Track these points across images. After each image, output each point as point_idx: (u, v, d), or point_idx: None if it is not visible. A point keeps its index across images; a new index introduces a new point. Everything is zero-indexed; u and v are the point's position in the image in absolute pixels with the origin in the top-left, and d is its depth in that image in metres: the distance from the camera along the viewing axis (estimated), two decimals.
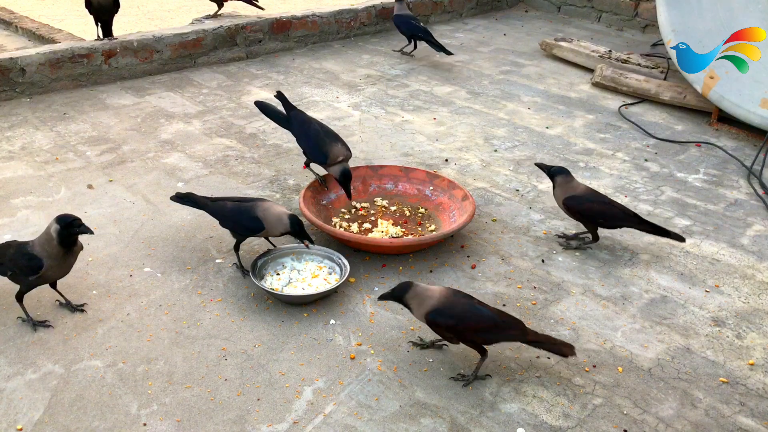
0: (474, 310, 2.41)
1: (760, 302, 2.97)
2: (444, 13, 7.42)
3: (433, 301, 2.42)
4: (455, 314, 2.38)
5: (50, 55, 4.87)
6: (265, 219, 2.89)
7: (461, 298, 2.44)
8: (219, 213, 2.99)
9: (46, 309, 2.75)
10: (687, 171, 4.17)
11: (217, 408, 2.31)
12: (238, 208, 2.95)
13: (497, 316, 2.42)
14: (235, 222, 2.94)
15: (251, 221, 2.90)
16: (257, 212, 2.90)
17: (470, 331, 2.40)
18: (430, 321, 2.42)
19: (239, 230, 2.96)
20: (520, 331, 2.41)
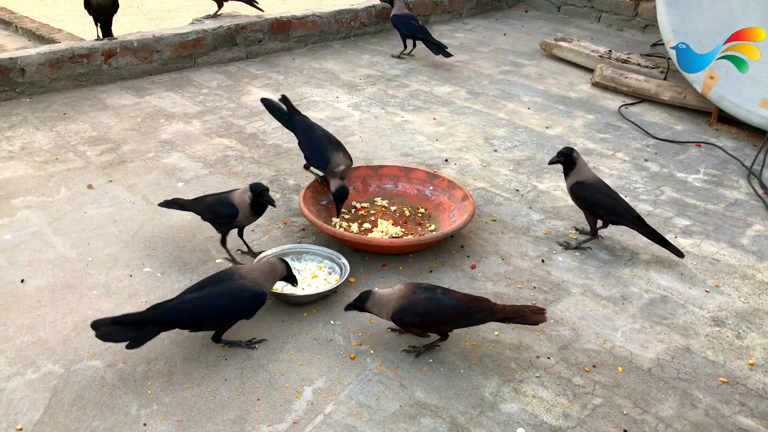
0: (436, 302, 2.46)
1: (760, 302, 2.97)
2: (444, 13, 7.42)
3: (394, 303, 2.48)
4: (418, 311, 2.45)
5: (50, 55, 4.87)
6: (239, 204, 2.92)
7: (421, 294, 2.48)
8: (198, 208, 3.03)
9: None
10: (687, 171, 4.17)
11: (217, 408, 2.31)
12: (215, 198, 3.00)
13: (461, 303, 2.46)
14: (213, 212, 2.97)
15: (227, 207, 2.92)
16: (232, 199, 2.94)
17: (437, 323, 2.48)
18: (396, 321, 2.50)
19: (218, 219, 2.98)
20: (487, 312, 2.46)
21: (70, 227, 3.31)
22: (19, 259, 3.05)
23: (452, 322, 2.48)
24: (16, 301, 2.78)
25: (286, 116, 3.59)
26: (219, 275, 2.52)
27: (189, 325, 2.44)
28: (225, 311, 2.45)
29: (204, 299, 2.42)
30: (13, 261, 3.03)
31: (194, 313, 2.41)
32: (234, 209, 2.93)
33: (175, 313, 2.38)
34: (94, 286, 2.89)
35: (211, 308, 2.41)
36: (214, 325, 2.49)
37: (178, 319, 2.39)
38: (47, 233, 3.25)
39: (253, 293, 2.48)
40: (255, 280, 2.51)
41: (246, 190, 2.94)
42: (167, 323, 2.39)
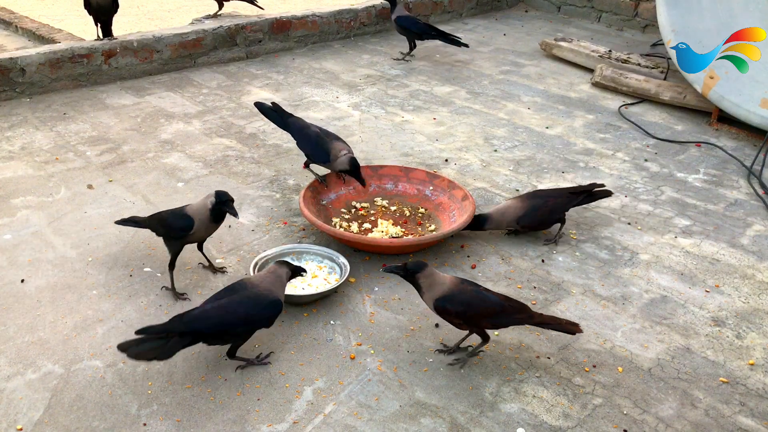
0: (481, 296, 2.45)
1: (760, 302, 2.97)
2: (444, 13, 7.42)
3: (443, 287, 2.45)
4: (463, 301, 2.42)
5: (50, 55, 4.87)
6: (195, 214, 2.80)
7: (468, 285, 2.48)
8: (153, 223, 2.91)
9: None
10: (687, 171, 4.17)
11: (217, 408, 2.31)
12: (169, 212, 2.88)
13: (504, 301, 2.47)
14: (165, 226, 2.84)
15: (180, 219, 2.80)
16: (186, 211, 2.83)
17: (478, 316, 2.45)
18: (438, 307, 2.45)
19: (171, 233, 2.82)
20: (526, 315, 2.46)
21: (70, 227, 3.31)
22: (19, 259, 3.05)
23: (493, 317, 2.46)
24: (16, 301, 2.78)
25: (280, 118, 3.63)
26: (232, 286, 2.46)
27: (212, 336, 2.35)
28: (247, 319, 2.38)
29: (225, 308, 2.36)
30: (13, 261, 3.03)
31: (218, 322, 2.34)
32: (188, 220, 2.78)
33: (199, 322, 2.32)
34: (94, 286, 2.89)
35: (234, 316, 2.35)
36: (236, 335, 2.40)
37: (202, 329, 2.32)
38: (47, 233, 3.25)
39: (270, 300, 2.42)
40: (269, 288, 2.46)
41: (209, 196, 2.80)
42: (192, 333, 2.30)
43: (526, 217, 3.26)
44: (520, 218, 3.26)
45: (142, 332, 2.27)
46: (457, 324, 2.48)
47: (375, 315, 2.80)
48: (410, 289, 2.96)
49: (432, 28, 5.82)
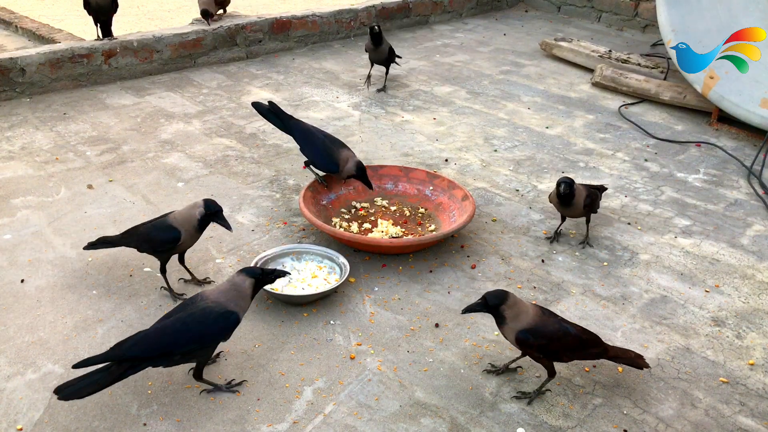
0: (562, 329, 2.32)
1: (760, 302, 2.97)
2: (444, 13, 7.42)
3: (528, 318, 2.30)
4: (547, 334, 2.28)
5: (50, 55, 4.87)
6: (182, 224, 2.72)
7: (550, 317, 2.34)
8: (131, 240, 2.78)
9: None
10: (687, 171, 4.17)
11: (217, 408, 2.31)
12: (150, 225, 2.77)
13: (581, 333, 2.35)
14: (150, 241, 2.74)
15: (166, 231, 2.71)
16: (171, 222, 2.73)
17: (560, 350, 2.32)
18: (521, 339, 2.30)
19: (158, 247, 2.74)
20: (601, 348, 2.36)
21: (70, 227, 3.31)
22: (19, 259, 3.05)
23: (572, 351, 2.33)
24: (16, 301, 2.78)
25: (279, 120, 3.62)
26: (184, 302, 2.31)
27: (159, 359, 2.19)
28: (194, 337, 2.21)
29: (169, 327, 2.20)
30: (13, 261, 3.03)
31: (160, 345, 2.17)
32: (175, 232, 2.69)
33: (138, 347, 2.15)
34: (94, 286, 2.89)
35: (178, 335, 2.19)
36: (187, 355, 2.23)
37: (141, 354, 2.14)
38: (47, 233, 3.25)
39: (218, 314, 2.24)
40: (218, 300, 2.27)
41: (197, 206, 2.73)
42: (132, 359, 2.14)
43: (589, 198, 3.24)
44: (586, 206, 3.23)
45: (81, 365, 2.13)
46: (536, 357, 2.34)
47: (375, 315, 2.80)
48: (410, 289, 2.96)
49: None
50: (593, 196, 3.29)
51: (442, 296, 2.93)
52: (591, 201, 3.25)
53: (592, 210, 3.31)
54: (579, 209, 3.24)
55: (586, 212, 3.28)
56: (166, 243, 2.72)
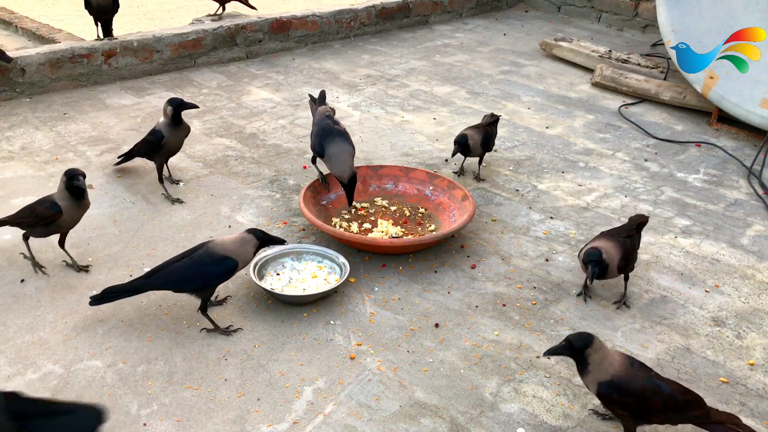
0: (654, 386, 2.04)
1: (760, 302, 2.97)
2: (444, 13, 7.42)
3: (612, 368, 2.05)
4: (634, 391, 2.02)
5: (50, 55, 4.87)
6: (239, 252, 2.61)
7: (639, 370, 2.08)
8: (171, 280, 2.59)
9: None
10: (687, 171, 4.17)
11: (217, 408, 2.31)
12: (192, 261, 2.58)
13: (677, 393, 2.05)
14: (200, 276, 2.57)
15: (220, 262, 2.57)
16: (219, 251, 2.59)
17: (650, 412, 2.05)
18: (603, 394, 2.06)
19: (210, 281, 2.59)
20: (702, 412, 2.04)
21: None
22: (19, 259, 3.05)
23: (663, 413, 2.05)
24: (16, 301, 2.78)
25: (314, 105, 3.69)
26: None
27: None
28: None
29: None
30: (13, 261, 3.03)
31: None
32: (232, 262, 2.60)
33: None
34: (94, 286, 2.89)
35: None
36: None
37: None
38: None
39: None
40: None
41: (247, 239, 2.66)
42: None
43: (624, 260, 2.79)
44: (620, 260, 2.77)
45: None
46: (620, 415, 2.09)
47: (375, 315, 2.80)
48: (410, 289, 2.96)
49: None
50: (629, 254, 2.80)
51: (442, 296, 2.93)
52: (626, 262, 2.80)
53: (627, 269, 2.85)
54: (612, 273, 2.79)
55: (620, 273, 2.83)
56: (224, 276, 2.60)
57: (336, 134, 3.38)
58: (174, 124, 3.53)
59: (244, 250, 2.64)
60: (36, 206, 2.89)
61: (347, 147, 3.36)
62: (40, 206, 2.87)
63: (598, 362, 2.06)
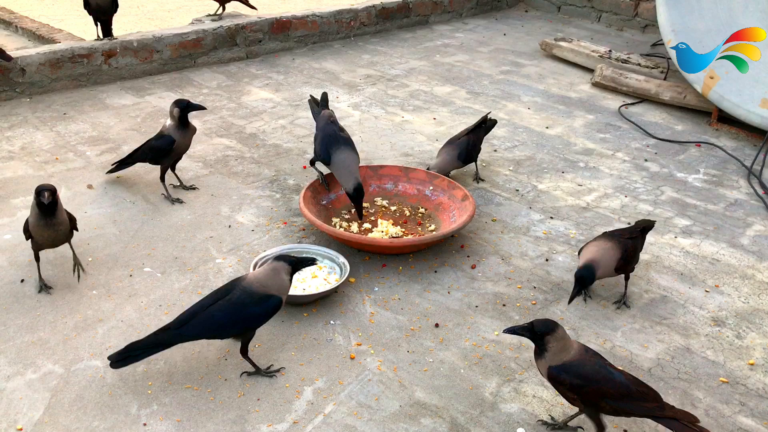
0: (605, 372, 2.10)
1: (760, 302, 2.97)
2: (444, 13, 7.42)
3: (567, 356, 2.11)
4: (583, 374, 2.08)
5: (50, 55, 4.87)
6: (278, 285, 2.41)
7: (592, 356, 2.13)
8: (209, 327, 2.35)
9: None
10: (687, 171, 4.17)
11: (217, 408, 2.31)
12: (230, 304, 2.36)
13: (632, 384, 2.10)
14: (243, 320, 2.37)
15: (263, 301, 2.37)
16: (259, 290, 2.38)
17: (596, 395, 2.08)
18: (552, 375, 2.12)
19: (255, 323, 2.39)
20: (656, 404, 2.08)
21: None
22: (19, 259, 3.05)
23: (615, 400, 2.08)
24: (16, 301, 2.78)
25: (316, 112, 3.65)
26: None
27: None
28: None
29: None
30: (13, 261, 3.03)
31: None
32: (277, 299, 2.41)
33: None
34: (94, 286, 2.89)
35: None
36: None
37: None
38: None
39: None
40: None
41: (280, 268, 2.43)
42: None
43: (623, 260, 2.78)
44: (618, 261, 2.77)
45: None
46: (571, 399, 2.14)
47: (375, 315, 2.80)
48: (410, 289, 2.96)
49: None
50: (629, 254, 2.79)
51: (442, 296, 2.93)
52: (625, 262, 2.80)
53: (626, 269, 2.85)
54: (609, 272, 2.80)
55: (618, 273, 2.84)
56: (269, 315, 2.41)
57: (342, 142, 3.37)
58: (182, 127, 3.49)
59: (281, 280, 2.39)
60: None
61: (354, 156, 3.35)
62: None
63: (557, 351, 2.12)
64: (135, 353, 2.31)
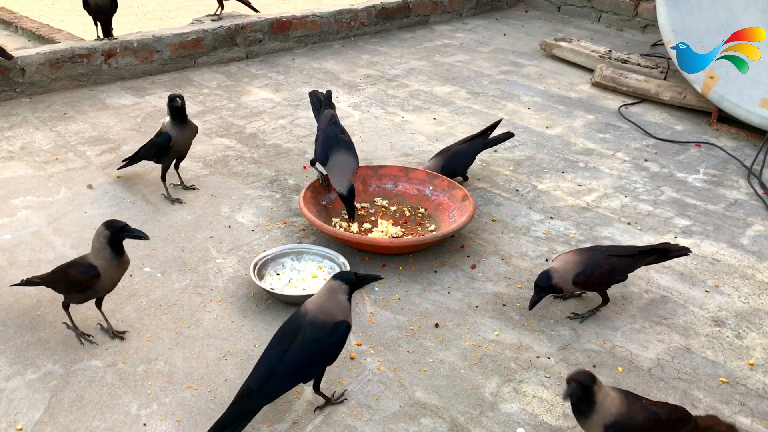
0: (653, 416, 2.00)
1: (760, 302, 2.97)
2: (444, 13, 7.42)
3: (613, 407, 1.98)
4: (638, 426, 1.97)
5: (50, 55, 4.87)
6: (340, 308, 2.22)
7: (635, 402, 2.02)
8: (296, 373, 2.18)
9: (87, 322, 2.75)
10: (687, 171, 4.17)
11: (217, 408, 2.31)
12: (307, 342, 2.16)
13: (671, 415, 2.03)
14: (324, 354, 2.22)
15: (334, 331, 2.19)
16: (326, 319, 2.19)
17: None
18: None
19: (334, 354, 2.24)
20: (693, 424, 2.05)
21: (70, 227, 3.31)
22: (19, 259, 3.05)
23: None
24: (16, 301, 2.78)
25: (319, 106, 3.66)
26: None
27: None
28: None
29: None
30: (13, 261, 3.03)
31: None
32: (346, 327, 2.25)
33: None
34: None
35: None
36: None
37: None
38: (47, 233, 3.25)
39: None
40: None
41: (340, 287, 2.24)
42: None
43: (582, 275, 2.69)
44: (576, 275, 2.69)
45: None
46: None
47: (375, 315, 2.80)
48: (410, 289, 2.96)
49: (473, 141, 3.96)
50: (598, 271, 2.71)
51: (442, 296, 2.93)
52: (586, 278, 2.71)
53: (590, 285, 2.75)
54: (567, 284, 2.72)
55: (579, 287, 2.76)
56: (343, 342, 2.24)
57: (342, 144, 3.35)
58: (180, 123, 3.48)
59: (341, 302, 2.21)
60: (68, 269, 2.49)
61: (351, 160, 3.32)
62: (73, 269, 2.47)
63: (603, 401, 1.98)
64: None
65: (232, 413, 2.06)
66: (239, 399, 2.09)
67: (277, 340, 2.18)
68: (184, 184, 3.70)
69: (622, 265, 2.78)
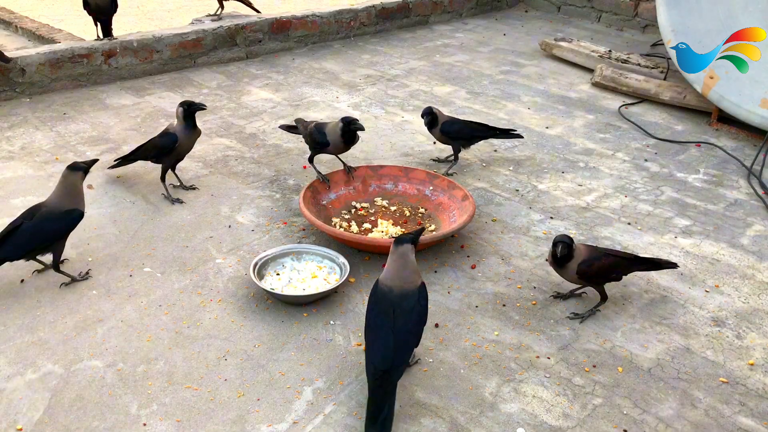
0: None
1: (760, 302, 2.97)
2: (444, 13, 7.42)
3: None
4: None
5: (50, 55, 4.87)
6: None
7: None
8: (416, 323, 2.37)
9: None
10: (687, 171, 4.17)
11: (217, 408, 2.31)
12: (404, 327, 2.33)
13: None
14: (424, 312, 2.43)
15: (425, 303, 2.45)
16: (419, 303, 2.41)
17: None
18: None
19: None
20: None
21: None
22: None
23: None
24: (16, 301, 2.78)
25: None
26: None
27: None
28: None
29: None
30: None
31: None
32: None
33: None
34: (94, 286, 2.89)
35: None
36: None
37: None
38: None
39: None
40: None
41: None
42: None
43: (585, 264, 2.76)
44: (581, 263, 2.76)
45: None
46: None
47: None
48: None
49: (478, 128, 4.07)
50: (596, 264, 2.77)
51: (442, 296, 2.93)
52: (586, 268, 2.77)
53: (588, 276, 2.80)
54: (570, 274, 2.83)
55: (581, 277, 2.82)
56: None
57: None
58: (188, 127, 3.53)
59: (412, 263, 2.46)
60: None
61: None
62: None
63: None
64: None
65: (379, 396, 2.22)
66: (378, 383, 2.23)
67: (381, 321, 2.34)
68: (183, 184, 3.71)
69: (619, 265, 2.85)
